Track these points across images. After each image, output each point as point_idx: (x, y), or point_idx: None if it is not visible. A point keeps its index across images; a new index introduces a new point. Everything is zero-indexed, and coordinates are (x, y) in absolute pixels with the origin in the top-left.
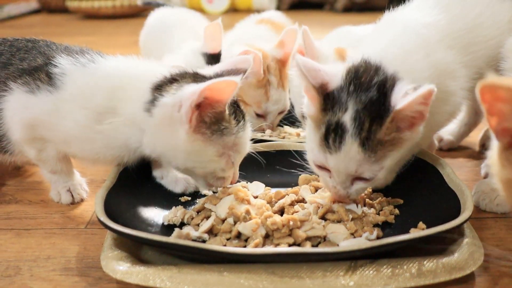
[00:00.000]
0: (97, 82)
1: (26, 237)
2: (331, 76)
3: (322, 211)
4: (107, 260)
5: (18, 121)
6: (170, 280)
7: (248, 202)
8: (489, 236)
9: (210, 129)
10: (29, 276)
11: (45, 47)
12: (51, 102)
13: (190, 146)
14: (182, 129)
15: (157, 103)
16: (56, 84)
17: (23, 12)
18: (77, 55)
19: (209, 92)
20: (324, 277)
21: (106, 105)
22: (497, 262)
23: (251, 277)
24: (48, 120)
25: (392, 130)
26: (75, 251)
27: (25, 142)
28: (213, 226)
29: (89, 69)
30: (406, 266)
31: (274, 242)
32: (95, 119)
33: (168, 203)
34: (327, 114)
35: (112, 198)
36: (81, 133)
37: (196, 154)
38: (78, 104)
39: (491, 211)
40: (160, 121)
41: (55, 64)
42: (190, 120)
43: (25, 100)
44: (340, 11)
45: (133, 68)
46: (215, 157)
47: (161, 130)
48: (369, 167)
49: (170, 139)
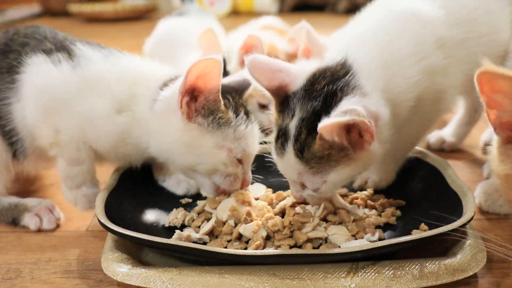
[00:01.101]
0: (119, 73)
1: (27, 240)
2: (294, 78)
3: (324, 212)
4: (107, 262)
5: (36, 88)
6: (170, 282)
7: (249, 204)
8: (492, 237)
9: (206, 119)
10: (30, 279)
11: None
12: (72, 78)
13: (188, 136)
14: (176, 117)
15: (158, 98)
16: (80, 63)
17: (25, 16)
18: (94, 46)
19: (196, 78)
20: (325, 278)
21: (125, 97)
22: (500, 264)
23: (252, 278)
24: (67, 97)
25: (324, 147)
26: (76, 253)
27: (40, 119)
28: (214, 228)
29: (110, 60)
30: (408, 268)
31: (275, 243)
32: (115, 108)
33: (169, 205)
34: (280, 117)
35: (113, 200)
36: (98, 120)
37: (194, 145)
38: (100, 89)
39: (494, 212)
40: (160, 116)
41: (76, 49)
42: (181, 105)
43: (47, 68)
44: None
45: (149, 68)
46: (214, 149)
47: (161, 124)
48: (309, 178)
49: (168, 132)
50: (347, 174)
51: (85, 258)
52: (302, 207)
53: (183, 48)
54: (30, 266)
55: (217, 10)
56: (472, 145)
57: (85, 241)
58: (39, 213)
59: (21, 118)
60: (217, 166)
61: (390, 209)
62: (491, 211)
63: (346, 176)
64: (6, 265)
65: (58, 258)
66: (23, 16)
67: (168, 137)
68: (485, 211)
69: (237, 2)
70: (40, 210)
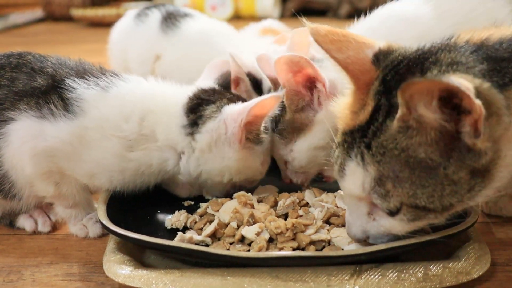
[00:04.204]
0: (124, 108)
1: (28, 243)
2: None
3: (327, 215)
4: (109, 264)
5: (29, 152)
6: (172, 284)
7: (252, 206)
8: (494, 241)
9: (254, 143)
10: (31, 281)
11: (38, 63)
12: (72, 132)
13: (241, 162)
14: (231, 149)
15: (200, 129)
16: (76, 112)
17: (28, 21)
18: (88, 76)
19: (257, 110)
20: (328, 281)
21: (138, 131)
22: (504, 267)
23: (254, 281)
24: (70, 154)
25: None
26: (77, 256)
27: (40, 177)
28: (216, 230)
29: (110, 94)
30: (412, 271)
31: (278, 246)
32: (127, 146)
33: (171, 207)
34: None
35: (114, 202)
36: (111, 163)
37: (246, 168)
38: (106, 132)
39: (496, 214)
40: (206, 145)
41: (68, 90)
42: (241, 140)
43: (37, 127)
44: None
45: (157, 90)
46: (259, 165)
47: (207, 152)
48: (281, 148)
49: (218, 159)
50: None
51: (87, 260)
52: (305, 210)
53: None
54: (31, 268)
55: (219, 14)
56: None
57: (87, 244)
58: (34, 215)
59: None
60: (256, 177)
61: None
62: (493, 213)
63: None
64: (8, 268)
65: (60, 260)
66: (26, 21)
67: (215, 162)
68: (487, 214)
69: (239, 6)
70: (35, 212)
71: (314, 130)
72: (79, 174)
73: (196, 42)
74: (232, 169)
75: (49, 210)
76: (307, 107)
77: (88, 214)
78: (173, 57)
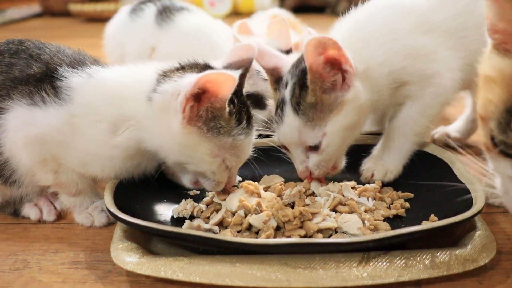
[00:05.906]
0: (105, 92)
1: (34, 232)
2: (285, 63)
3: (333, 203)
4: (117, 252)
5: (23, 140)
6: (181, 271)
7: (258, 195)
8: (499, 230)
9: (206, 125)
10: (37, 269)
11: (36, 49)
12: (63, 118)
13: (184, 138)
14: (176, 119)
15: (158, 89)
16: (65, 98)
17: (25, 16)
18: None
19: (207, 84)
20: (337, 268)
21: (119, 113)
22: (509, 255)
23: (263, 268)
24: (62, 141)
25: (316, 93)
26: (83, 245)
27: (37, 166)
28: (224, 218)
29: (92, 80)
30: (419, 258)
31: (286, 234)
32: (110, 132)
33: (177, 197)
34: (277, 92)
35: (121, 191)
36: (100, 152)
37: (189, 148)
38: (92, 117)
39: (500, 204)
40: (159, 109)
41: (59, 78)
42: (184, 109)
43: (29, 114)
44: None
45: (133, 72)
46: (208, 156)
47: (158, 119)
48: (309, 133)
49: (165, 130)
50: (343, 125)
51: (93, 249)
52: (311, 199)
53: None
54: (37, 257)
55: (218, 10)
56: (476, 142)
57: (93, 233)
58: (39, 203)
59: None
60: (206, 173)
61: (398, 201)
62: (497, 203)
63: (343, 127)
64: (14, 256)
65: (66, 249)
66: (23, 16)
67: (162, 133)
68: (491, 205)
69: (237, 2)
70: (40, 201)
71: (345, 109)
72: (72, 162)
73: (190, 35)
74: (173, 146)
75: (54, 199)
76: (334, 88)
77: (93, 203)
78: (167, 50)
